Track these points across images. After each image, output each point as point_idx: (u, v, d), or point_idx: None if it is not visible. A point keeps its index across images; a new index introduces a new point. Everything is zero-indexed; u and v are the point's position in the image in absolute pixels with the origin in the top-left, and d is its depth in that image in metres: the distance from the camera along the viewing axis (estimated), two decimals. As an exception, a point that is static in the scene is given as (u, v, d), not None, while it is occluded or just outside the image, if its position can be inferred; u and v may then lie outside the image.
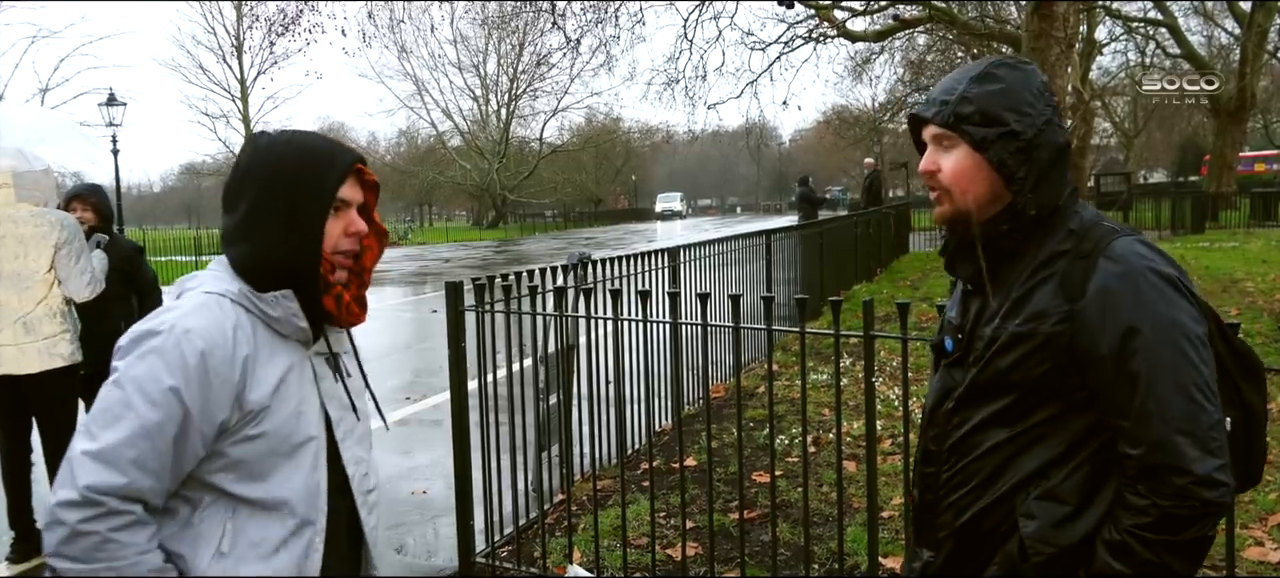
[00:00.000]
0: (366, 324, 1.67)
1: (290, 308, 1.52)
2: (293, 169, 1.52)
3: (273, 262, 1.51)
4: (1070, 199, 1.53)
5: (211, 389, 1.41)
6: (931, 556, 1.61)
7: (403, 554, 4.37)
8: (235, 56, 43.43)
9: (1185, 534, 1.36)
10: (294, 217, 1.51)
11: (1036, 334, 1.44)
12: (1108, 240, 1.44)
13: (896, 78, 32.27)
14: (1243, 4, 26.99)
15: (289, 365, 1.53)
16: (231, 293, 1.50)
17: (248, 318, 1.50)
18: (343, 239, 1.57)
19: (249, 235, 1.52)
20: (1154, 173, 56.67)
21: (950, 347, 1.62)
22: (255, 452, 1.47)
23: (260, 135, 1.59)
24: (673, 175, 79.09)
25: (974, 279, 1.58)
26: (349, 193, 1.57)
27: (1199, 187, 30.25)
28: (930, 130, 1.58)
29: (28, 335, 4.16)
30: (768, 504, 4.10)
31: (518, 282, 4.01)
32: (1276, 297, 10.08)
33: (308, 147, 1.56)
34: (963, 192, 1.53)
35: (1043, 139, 1.49)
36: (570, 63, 35.81)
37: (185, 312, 1.45)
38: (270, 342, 1.52)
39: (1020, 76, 1.52)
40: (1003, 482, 1.49)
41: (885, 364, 7.08)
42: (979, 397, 1.53)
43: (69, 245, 4.28)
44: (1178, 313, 1.38)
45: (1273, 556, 3.72)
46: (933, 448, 1.61)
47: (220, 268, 1.56)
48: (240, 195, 1.54)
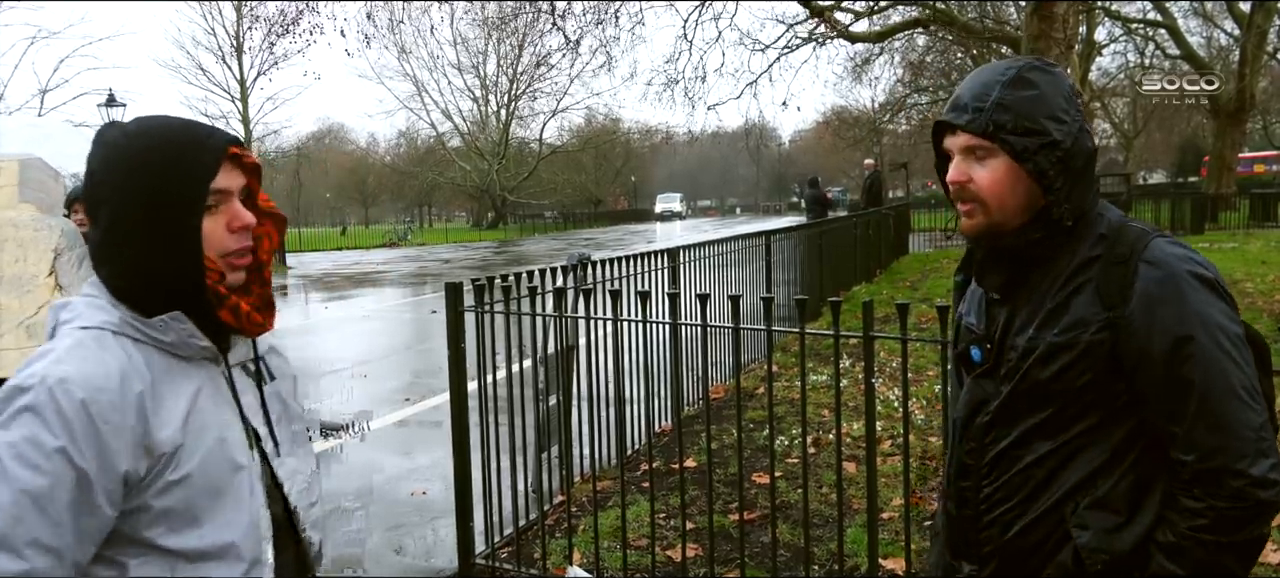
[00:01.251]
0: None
1: (185, 330, 1.29)
2: (153, 164, 1.27)
3: (149, 281, 1.28)
4: (1094, 202, 1.51)
5: (103, 441, 1.18)
6: (973, 569, 1.59)
7: (402, 556, 4.37)
8: (235, 57, 43.36)
9: (1241, 535, 1.36)
10: (162, 222, 1.27)
11: (1077, 344, 1.42)
12: (1143, 243, 1.43)
13: (896, 78, 32.35)
14: (1242, 5, 27.02)
15: (197, 389, 1.31)
16: (112, 323, 1.27)
17: (137, 348, 1.27)
18: (228, 238, 1.32)
19: (116, 253, 1.28)
20: (1153, 174, 56.71)
21: (979, 357, 1.58)
22: (183, 497, 1.25)
23: (108, 128, 1.33)
24: (672, 176, 79.08)
25: (1003, 288, 1.55)
26: (226, 181, 1.31)
27: (1198, 187, 30.27)
28: (960, 139, 1.51)
29: (31, 340, 4.17)
30: (768, 505, 4.10)
31: (517, 282, 4.01)
32: (1276, 298, 10.09)
33: (167, 134, 1.30)
34: (1000, 203, 1.48)
35: (1077, 146, 1.46)
36: (570, 63, 35.87)
37: (57, 357, 1.22)
38: (170, 368, 1.29)
39: (1053, 81, 1.48)
40: (1049, 495, 1.48)
41: (885, 365, 7.08)
42: (1018, 409, 1.50)
43: (70, 251, 4.29)
44: (1219, 315, 1.38)
45: (1273, 556, 3.71)
46: (969, 462, 1.58)
47: (94, 291, 1.31)
48: (100, 205, 1.28)
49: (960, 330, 1.67)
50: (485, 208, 59.48)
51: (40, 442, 1.16)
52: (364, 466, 5.58)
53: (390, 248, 38.23)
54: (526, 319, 4.03)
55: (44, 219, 4.29)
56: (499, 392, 4.05)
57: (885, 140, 42.88)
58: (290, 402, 1.52)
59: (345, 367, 9.10)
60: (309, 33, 26.40)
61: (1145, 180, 51.21)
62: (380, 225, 62.47)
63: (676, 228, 47.96)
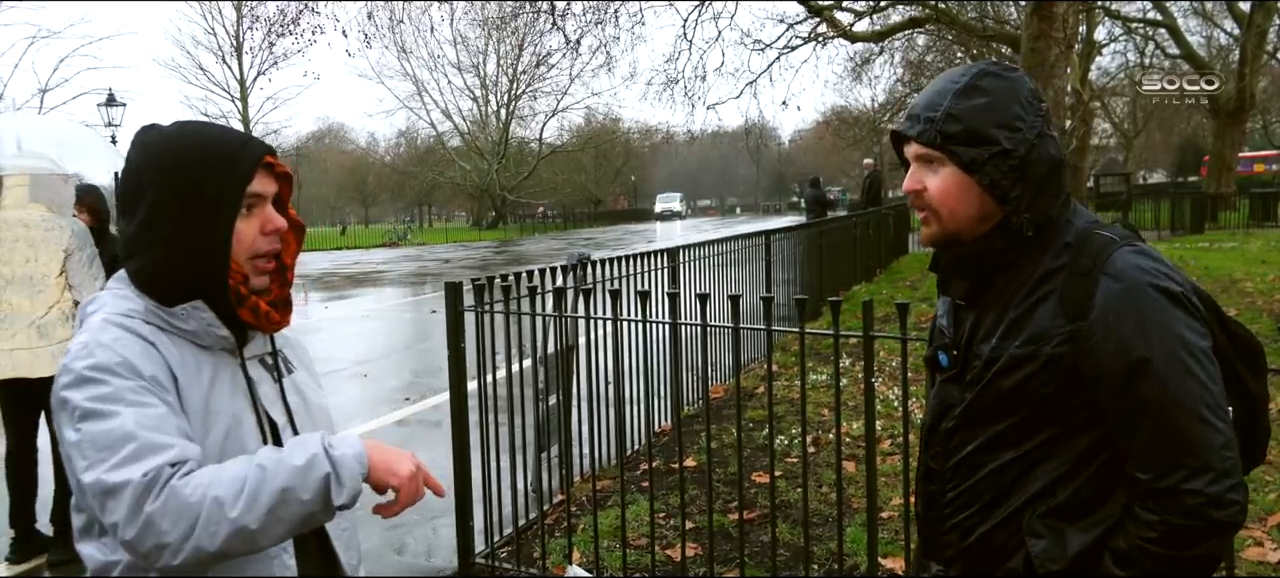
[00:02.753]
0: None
1: (206, 318, 1.38)
2: (193, 165, 1.35)
3: (176, 274, 1.35)
4: (1063, 208, 1.49)
5: (146, 383, 1.29)
6: (940, 570, 1.60)
7: (402, 555, 4.37)
8: (235, 57, 43.44)
9: (1193, 551, 1.35)
10: (198, 220, 1.35)
11: (1039, 356, 1.41)
12: (1106, 254, 1.40)
13: (896, 78, 32.40)
14: (1242, 4, 27.02)
15: (213, 376, 1.39)
16: (137, 312, 1.36)
17: (162, 335, 1.35)
18: (261, 240, 1.41)
19: (148, 246, 1.36)
20: (1153, 173, 56.70)
21: (946, 362, 1.58)
22: None
23: (148, 130, 1.41)
24: (672, 176, 79.11)
25: (968, 295, 1.55)
26: (261, 186, 1.40)
27: (1198, 187, 30.25)
28: (914, 148, 1.51)
29: (41, 340, 4.18)
30: (767, 505, 4.10)
31: (517, 282, 4.01)
32: (1276, 297, 10.09)
33: (208, 139, 1.39)
34: (951, 212, 1.48)
35: (1036, 154, 1.43)
36: (570, 63, 35.93)
37: (91, 337, 1.31)
38: (191, 353, 1.37)
39: (1007, 87, 1.45)
40: (1010, 502, 1.47)
41: (884, 365, 7.08)
42: (981, 417, 1.50)
43: (80, 251, 4.31)
44: (1183, 330, 1.35)
45: (1272, 556, 3.72)
46: (934, 466, 1.58)
47: (121, 286, 1.40)
48: (136, 200, 1.36)
49: (933, 333, 1.68)
50: (485, 208, 59.48)
51: (118, 387, 1.26)
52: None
53: (390, 247, 38.21)
54: (526, 319, 4.03)
55: (55, 219, 4.31)
56: (499, 391, 4.05)
57: (885, 140, 42.80)
58: (310, 394, 1.57)
59: (345, 366, 9.10)
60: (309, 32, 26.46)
61: (1145, 180, 51.20)
62: (380, 225, 62.47)
63: (676, 228, 47.96)
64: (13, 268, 4.19)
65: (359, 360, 9.51)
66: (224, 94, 44.86)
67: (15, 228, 4.23)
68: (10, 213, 4.26)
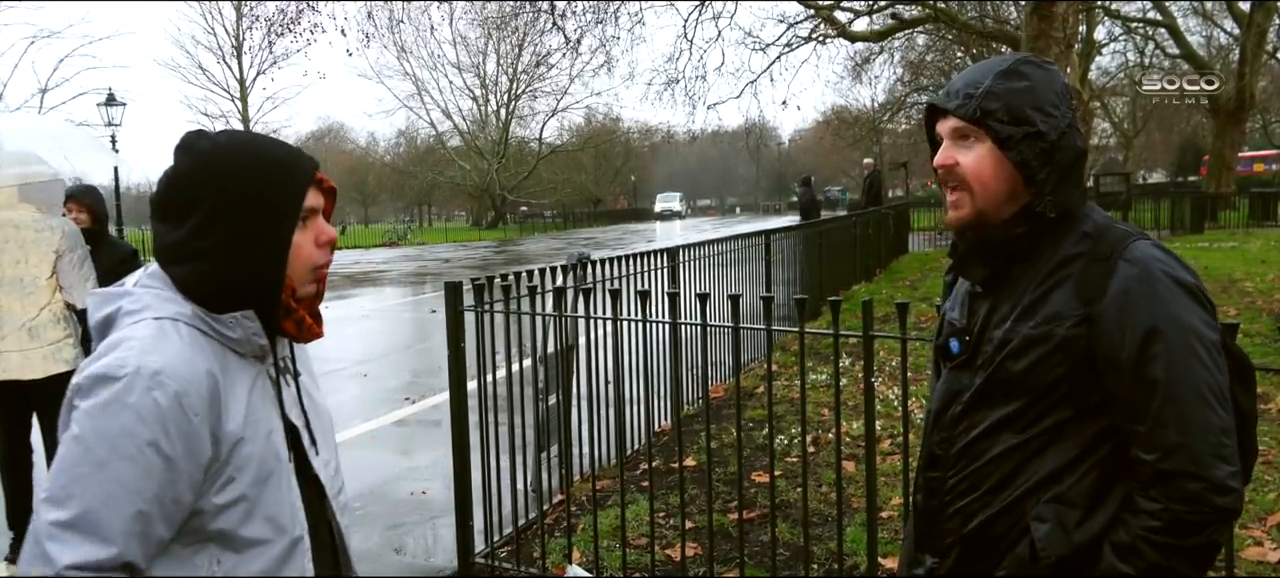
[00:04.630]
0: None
1: (251, 328, 1.36)
2: (254, 175, 1.35)
3: (232, 283, 1.34)
4: (1081, 201, 1.53)
5: (193, 430, 1.25)
6: (935, 562, 1.60)
7: (402, 555, 4.37)
8: (235, 57, 43.47)
9: (1194, 539, 1.37)
10: (259, 230, 1.34)
11: (1052, 337, 1.44)
12: (1125, 244, 1.44)
13: (896, 78, 32.36)
14: (1242, 4, 27.02)
15: (251, 386, 1.38)
16: (185, 316, 1.33)
17: (206, 341, 1.34)
18: (316, 252, 1.43)
19: (202, 254, 1.33)
20: (1153, 173, 56.75)
21: (957, 349, 1.60)
22: (240, 488, 1.32)
23: (200, 137, 1.39)
24: (672, 176, 79.07)
25: (986, 281, 1.57)
26: (314, 200, 1.42)
27: (1198, 187, 30.26)
28: (949, 123, 1.55)
29: (33, 341, 4.16)
30: (767, 505, 4.10)
31: (517, 282, 4.02)
32: (1275, 297, 10.09)
33: (266, 152, 1.39)
34: (983, 187, 1.51)
35: (1065, 142, 1.48)
36: (570, 63, 35.91)
37: (143, 349, 1.25)
38: (231, 363, 1.36)
39: (1045, 76, 1.51)
40: (1013, 488, 1.48)
41: (884, 364, 7.08)
42: (989, 400, 1.52)
43: (72, 253, 4.27)
44: (1195, 320, 1.39)
45: (1272, 555, 3.72)
46: (939, 452, 1.59)
47: (158, 284, 1.36)
48: (190, 207, 1.34)
49: (942, 324, 1.69)
50: (485, 207, 59.49)
51: (133, 433, 1.21)
52: (364, 465, 5.60)
53: (390, 247, 38.21)
54: (526, 319, 4.03)
55: (45, 221, 4.27)
56: (499, 391, 4.05)
57: (885, 140, 42.88)
58: (315, 397, 1.58)
59: (345, 366, 9.10)
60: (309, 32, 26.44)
61: (1145, 180, 51.23)
62: (380, 224, 62.46)
63: (676, 227, 47.97)
64: (2, 270, 4.17)
65: (359, 360, 9.50)
66: (224, 94, 44.91)
67: (5, 229, 4.18)
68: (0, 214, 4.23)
